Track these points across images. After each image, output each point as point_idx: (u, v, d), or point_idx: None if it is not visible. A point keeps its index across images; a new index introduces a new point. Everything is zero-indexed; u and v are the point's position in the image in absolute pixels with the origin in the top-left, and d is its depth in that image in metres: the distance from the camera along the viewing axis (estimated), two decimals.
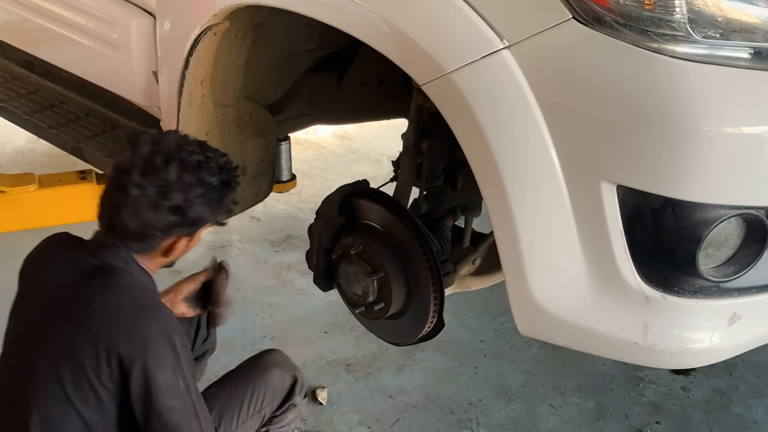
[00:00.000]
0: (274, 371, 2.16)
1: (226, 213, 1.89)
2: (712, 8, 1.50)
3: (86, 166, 2.95)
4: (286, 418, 2.20)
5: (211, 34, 2.11)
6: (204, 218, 1.82)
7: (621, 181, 1.56)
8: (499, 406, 2.86)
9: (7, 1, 2.84)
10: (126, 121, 2.86)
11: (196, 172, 1.78)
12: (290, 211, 4.04)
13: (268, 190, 2.67)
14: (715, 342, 1.67)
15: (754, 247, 1.64)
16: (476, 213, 2.26)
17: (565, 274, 1.66)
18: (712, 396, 2.95)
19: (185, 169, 1.77)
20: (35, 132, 2.99)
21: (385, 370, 3.01)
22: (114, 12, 2.47)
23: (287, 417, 2.20)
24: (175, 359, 1.73)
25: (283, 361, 2.22)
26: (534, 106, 1.57)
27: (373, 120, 3.15)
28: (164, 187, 1.75)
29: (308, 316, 3.29)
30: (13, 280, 1.97)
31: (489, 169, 1.64)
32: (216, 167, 1.82)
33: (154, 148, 1.77)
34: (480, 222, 2.21)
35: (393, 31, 1.70)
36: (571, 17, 1.52)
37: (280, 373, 2.17)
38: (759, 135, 1.54)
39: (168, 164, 1.75)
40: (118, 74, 2.58)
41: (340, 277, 2.16)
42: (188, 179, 1.77)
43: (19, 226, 3.08)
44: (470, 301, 3.33)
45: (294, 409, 2.20)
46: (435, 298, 2.02)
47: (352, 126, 4.72)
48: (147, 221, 1.76)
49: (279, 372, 2.17)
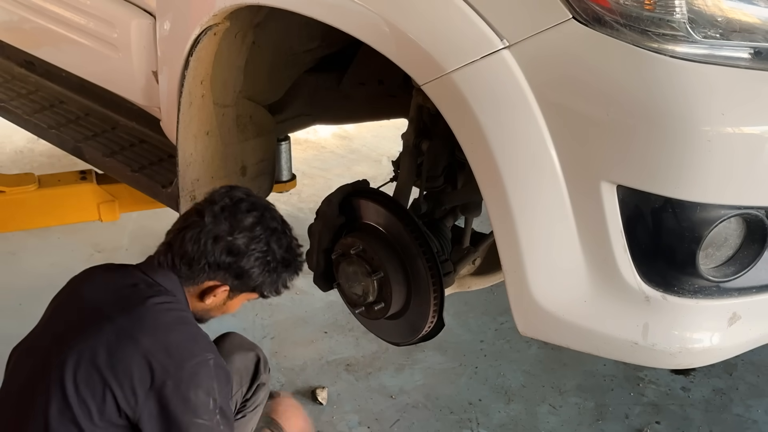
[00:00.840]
0: (236, 356, 2.17)
1: (274, 289, 1.95)
2: (712, 8, 1.50)
3: (86, 166, 2.96)
4: (258, 398, 2.22)
5: (211, 34, 2.11)
6: (253, 277, 1.88)
7: (621, 181, 1.56)
8: (499, 406, 2.87)
9: (7, 1, 2.84)
10: (126, 121, 2.86)
11: (268, 233, 1.87)
12: (290, 211, 4.04)
13: (268, 190, 2.68)
14: (715, 342, 1.67)
15: (754, 247, 1.64)
16: (476, 213, 2.26)
17: (565, 274, 1.66)
18: (712, 396, 2.95)
19: (260, 224, 1.86)
20: (35, 132, 2.99)
21: (385, 370, 3.01)
22: (114, 12, 2.47)
23: (259, 397, 2.22)
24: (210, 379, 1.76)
25: (241, 343, 2.23)
26: (534, 106, 1.57)
27: (373, 120, 3.15)
28: (235, 227, 1.83)
29: (308, 316, 3.29)
30: (13, 280, 1.98)
31: (489, 169, 1.64)
32: (287, 243, 1.92)
33: (245, 197, 1.89)
34: (480, 222, 2.21)
35: (393, 31, 1.70)
36: (571, 17, 1.52)
37: (243, 355, 2.19)
38: (759, 135, 1.54)
39: (249, 213, 1.85)
40: (118, 74, 2.58)
41: (340, 277, 2.16)
42: (258, 233, 1.85)
43: (19, 226, 3.08)
44: (470, 301, 3.33)
45: (263, 387, 2.23)
46: (435, 298, 2.02)
47: (352, 126, 4.72)
48: (204, 250, 1.82)
49: (241, 355, 2.18)
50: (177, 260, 1.85)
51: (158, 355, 1.72)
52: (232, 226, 1.83)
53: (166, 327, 1.78)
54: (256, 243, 1.85)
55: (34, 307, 1.95)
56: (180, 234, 1.85)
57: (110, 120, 2.90)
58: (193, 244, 1.83)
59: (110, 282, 1.87)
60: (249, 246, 1.84)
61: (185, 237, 1.83)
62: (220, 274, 1.86)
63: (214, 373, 1.77)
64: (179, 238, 1.84)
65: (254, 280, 1.89)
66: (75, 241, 3.56)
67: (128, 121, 2.85)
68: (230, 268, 1.85)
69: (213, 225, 1.83)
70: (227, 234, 1.83)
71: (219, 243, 1.83)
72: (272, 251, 1.88)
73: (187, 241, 1.83)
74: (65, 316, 1.86)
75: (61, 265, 1.98)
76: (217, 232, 1.83)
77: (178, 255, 1.84)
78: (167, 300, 1.82)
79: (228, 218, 1.84)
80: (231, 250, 1.83)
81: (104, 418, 1.72)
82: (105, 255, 3.54)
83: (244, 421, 2.21)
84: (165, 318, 1.79)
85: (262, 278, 1.89)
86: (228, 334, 2.27)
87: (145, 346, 1.72)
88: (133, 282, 1.84)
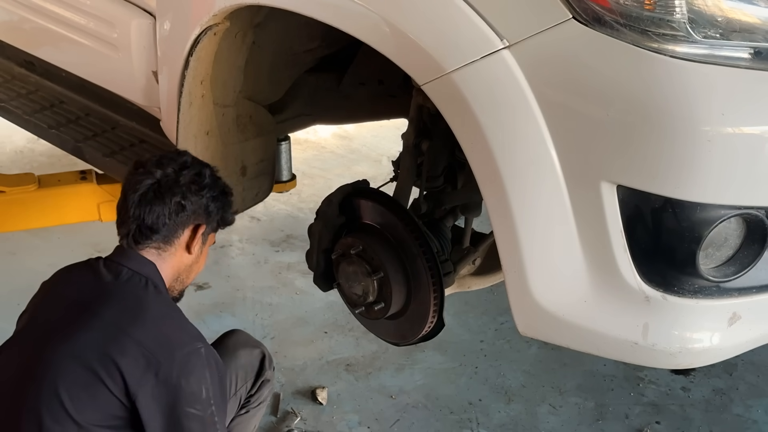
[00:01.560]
0: (240, 352, 2.18)
1: (229, 216, 2.01)
2: (712, 8, 1.50)
3: (86, 166, 2.96)
4: (262, 395, 2.23)
5: (211, 34, 2.11)
6: (212, 208, 1.92)
7: (621, 181, 1.56)
8: (499, 406, 2.87)
9: (7, 1, 2.84)
10: (126, 121, 2.86)
11: (204, 167, 1.94)
12: (290, 211, 4.04)
13: (268, 190, 2.67)
14: (715, 342, 1.67)
15: (754, 247, 1.64)
16: (476, 213, 2.26)
17: (565, 274, 1.66)
18: (712, 396, 2.95)
19: (195, 161, 1.94)
20: (35, 132, 2.99)
21: (385, 370, 3.01)
22: (114, 12, 2.47)
23: (263, 393, 2.23)
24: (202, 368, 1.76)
25: (246, 340, 2.25)
26: (534, 105, 1.57)
27: (373, 120, 3.15)
28: (181, 169, 1.88)
29: (308, 316, 3.29)
30: (13, 280, 1.98)
31: (489, 169, 1.64)
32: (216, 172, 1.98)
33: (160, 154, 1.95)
34: (480, 222, 2.21)
35: (393, 31, 1.70)
36: (571, 17, 1.52)
37: (248, 352, 2.20)
38: (759, 135, 1.54)
39: (180, 154, 1.93)
40: (118, 74, 2.58)
41: (340, 277, 2.16)
42: (198, 169, 1.91)
43: (19, 226, 3.08)
44: (470, 301, 3.33)
45: (267, 384, 2.24)
46: (435, 298, 2.02)
47: (352, 126, 4.72)
48: (172, 194, 1.85)
49: (246, 351, 2.20)
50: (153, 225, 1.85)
51: (149, 346, 1.72)
52: (180, 165, 1.88)
53: (153, 318, 1.78)
54: (205, 170, 1.93)
55: None
56: (142, 199, 1.85)
57: (110, 120, 2.90)
58: (162, 196, 1.84)
59: (88, 278, 1.87)
60: (201, 176, 1.90)
61: (147, 196, 1.84)
62: (192, 214, 1.88)
63: (205, 361, 1.78)
64: (143, 203, 1.84)
65: (215, 210, 1.94)
66: (75, 241, 3.55)
67: (128, 121, 2.85)
68: (198, 202, 1.88)
69: (164, 174, 1.86)
70: (179, 173, 1.87)
71: (180, 183, 1.86)
72: (216, 178, 1.95)
73: (153, 199, 1.84)
74: (49, 315, 1.85)
75: (60, 265, 1.98)
76: (173, 176, 1.86)
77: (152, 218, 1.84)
78: (150, 290, 1.83)
79: (169, 163, 1.88)
80: (191, 184, 1.87)
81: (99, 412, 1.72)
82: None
83: (248, 416, 2.22)
84: (151, 308, 1.80)
85: (219, 204, 1.94)
86: (233, 331, 2.28)
87: (135, 339, 1.72)
88: (113, 276, 1.84)
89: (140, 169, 1.88)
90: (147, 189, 1.84)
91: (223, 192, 1.96)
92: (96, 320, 1.76)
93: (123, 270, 1.84)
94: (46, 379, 1.72)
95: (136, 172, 1.88)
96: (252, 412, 2.22)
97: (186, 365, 1.75)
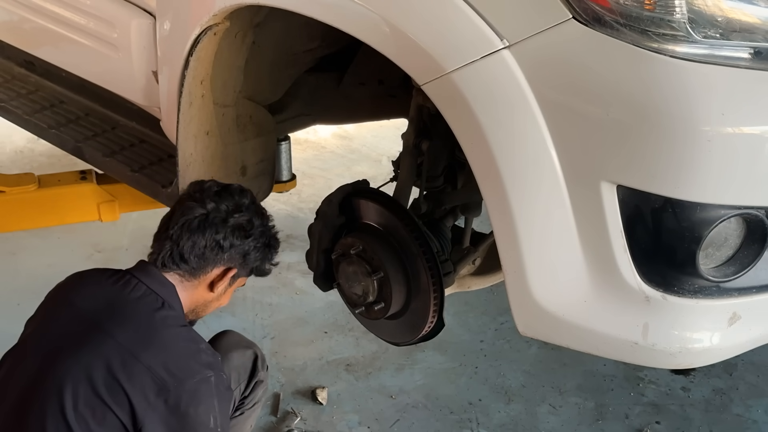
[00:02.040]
0: (233, 353, 2.18)
1: (266, 267, 2.03)
2: (712, 8, 1.50)
3: (86, 166, 2.96)
4: (255, 396, 2.23)
5: (211, 34, 2.11)
6: (252, 256, 1.93)
7: (621, 181, 1.56)
8: (499, 406, 2.87)
9: (7, 1, 2.84)
10: (126, 121, 2.86)
11: (258, 212, 1.96)
12: (290, 211, 4.04)
13: (268, 190, 2.67)
14: (715, 342, 1.67)
15: (754, 247, 1.64)
16: (476, 213, 2.26)
17: (565, 274, 1.66)
18: (712, 396, 2.95)
19: (254, 204, 1.95)
20: (35, 132, 2.99)
21: (385, 370, 3.01)
22: (114, 12, 2.47)
23: (257, 394, 2.23)
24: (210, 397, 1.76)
25: (238, 341, 2.24)
26: (534, 105, 1.57)
27: (373, 120, 3.15)
28: (237, 208, 1.88)
29: (308, 316, 3.29)
30: (13, 280, 1.97)
31: (489, 169, 1.64)
32: (269, 222, 2.00)
33: (225, 183, 1.96)
34: (480, 222, 2.21)
35: (393, 31, 1.70)
36: (571, 17, 1.52)
37: (240, 353, 2.20)
38: (759, 135, 1.54)
39: (242, 194, 1.93)
40: (118, 74, 2.58)
41: (340, 277, 2.16)
42: (253, 212, 1.92)
43: (19, 226, 3.08)
44: (470, 301, 3.33)
45: (261, 384, 2.24)
46: (435, 298, 2.02)
47: (352, 126, 4.72)
48: (215, 233, 1.85)
49: (239, 353, 2.19)
50: (186, 254, 1.84)
51: (159, 373, 1.71)
52: (236, 206, 1.88)
53: (166, 344, 1.76)
54: (257, 220, 1.92)
55: (33, 307, 1.95)
56: (185, 225, 1.84)
57: (110, 120, 2.90)
58: (204, 230, 1.84)
59: (104, 291, 1.84)
60: (251, 224, 1.90)
61: (191, 225, 1.84)
62: (227, 256, 1.88)
63: (214, 390, 1.77)
64: (185, 229, 1.84)
65: (254, 259, 1.94)
66: (75, 241, 3.56)
67: (128, 121, 2.85)
68: (238, 247, 1.88)
69: (216, 209, 1.86)
70: (231, 214, 1.87)
71: (227, 224, 1.86)
72: (267, 228, 1.95)
73: (195, 230, 1.84)
74: (60, 328, 1.82)
75: (60, 265, 1.98)
76: (223, 215, 1.86)
77: (187, 247, 1.84)
78: (166, 312, 1.81)
79: (226, 200, 1.88)
80: (237, 228, 1.87)
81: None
82: (105, 255, 3.54)
83: (243, 418, 2.21)
84: (165, 333, 1.78)
85: (260, 255, 1.95)
86: (225, 332, 2.27)
87: (145, 364, 1.71)
88: (129, 292, 1.81)
89: (198, 193, 1.88)
90: (194, 218, 1.84)
91: (268, 244, 1.97)
92: (107, 342, 1.73)
93: (142, 287, 1.82)
94: (51, 400, 1.70)
95: (194, 196, 1.88)
96: (246, 413, 2.21)
97: (195, 394, 1.74)
